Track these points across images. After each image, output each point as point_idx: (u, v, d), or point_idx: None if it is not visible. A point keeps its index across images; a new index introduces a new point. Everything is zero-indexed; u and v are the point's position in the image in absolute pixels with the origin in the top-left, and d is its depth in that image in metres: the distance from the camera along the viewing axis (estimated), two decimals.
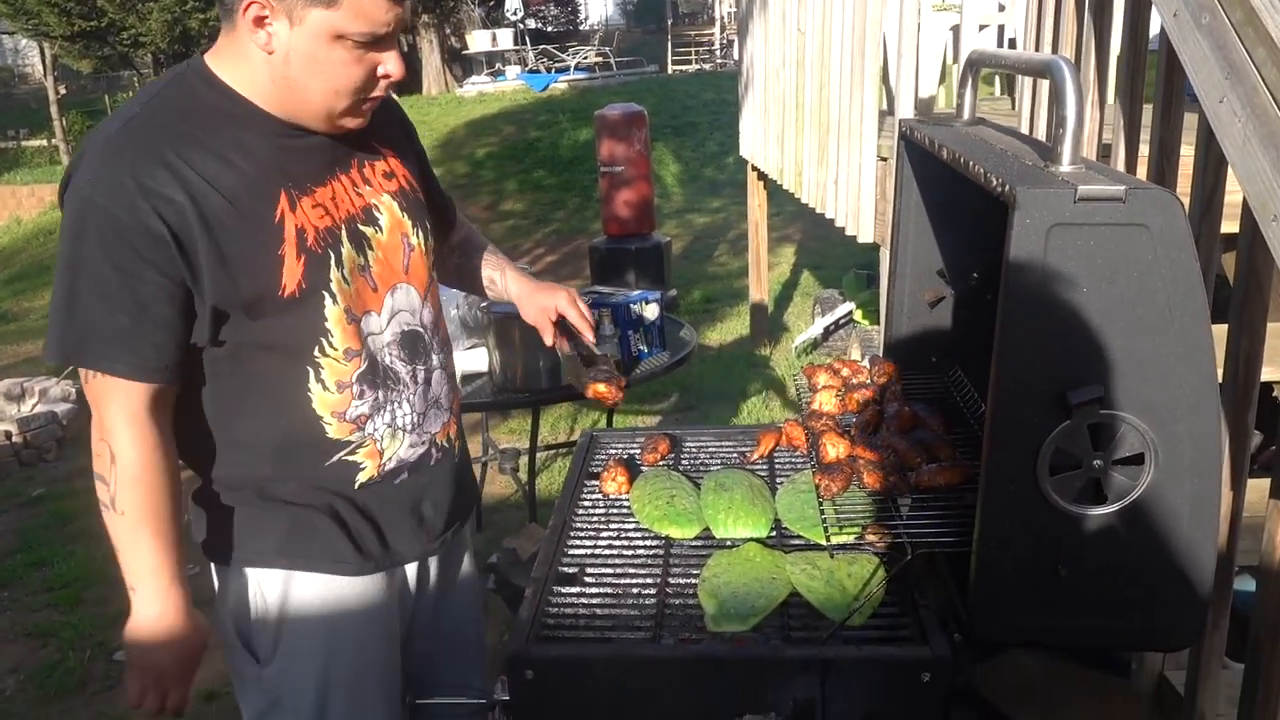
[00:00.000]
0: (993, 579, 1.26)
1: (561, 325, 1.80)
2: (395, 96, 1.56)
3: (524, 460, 4.02)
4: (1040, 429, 1.18)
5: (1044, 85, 2.42)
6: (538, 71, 18.70)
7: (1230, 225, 1.65)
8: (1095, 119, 2.13)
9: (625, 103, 7.03)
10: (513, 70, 19.36)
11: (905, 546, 1.39)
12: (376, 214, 1.46)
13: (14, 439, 5.06)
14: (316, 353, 1.39)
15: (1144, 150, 2.05)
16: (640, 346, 3.18)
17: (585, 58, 19.44)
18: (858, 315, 5.59)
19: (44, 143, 19.94)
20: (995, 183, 1.19)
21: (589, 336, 1.78)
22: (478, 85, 18.66)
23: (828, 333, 5.67)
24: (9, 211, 15.42)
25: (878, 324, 5.40)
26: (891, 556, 1.46)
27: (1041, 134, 2.34)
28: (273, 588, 1.48)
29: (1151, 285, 1.13)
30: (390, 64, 1.33)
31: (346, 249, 1.40)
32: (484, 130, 14.44)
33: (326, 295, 1.38)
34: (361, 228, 1.43)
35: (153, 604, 1.39)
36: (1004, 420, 1.19)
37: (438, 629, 1.72)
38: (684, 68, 19.75)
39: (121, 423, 1.32)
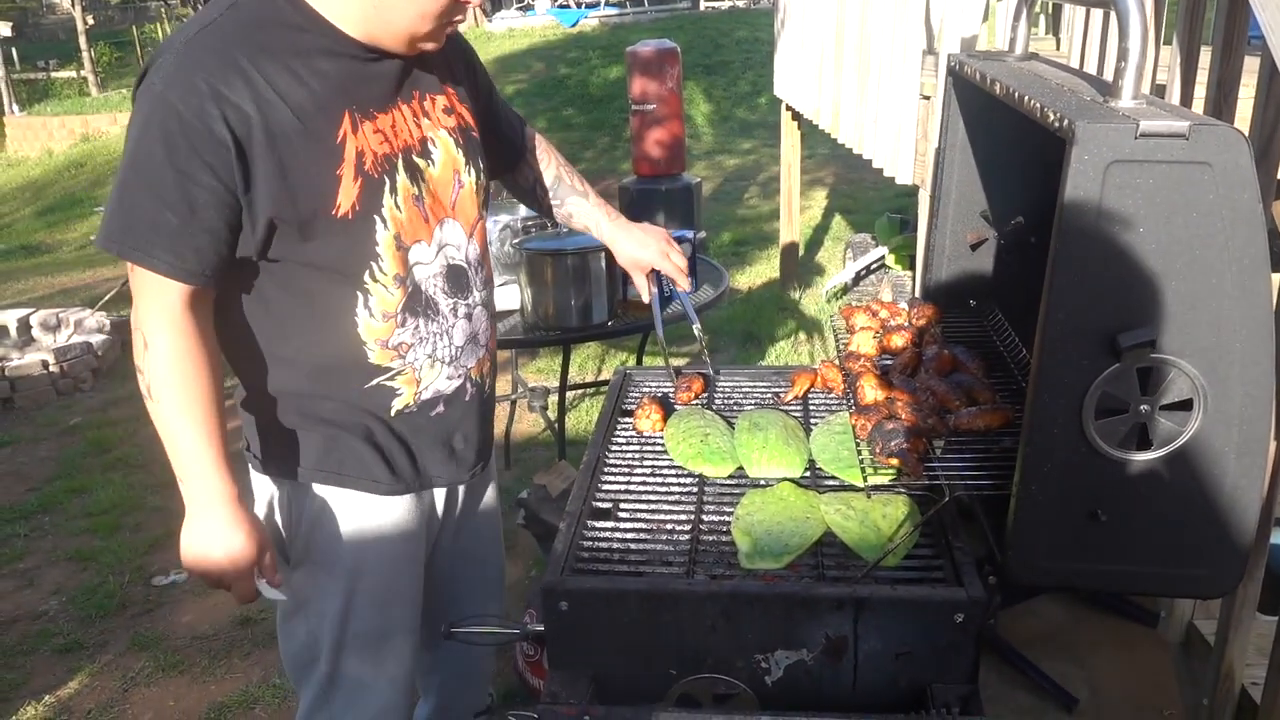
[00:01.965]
0: (1031, 522, 1.25)
1: (654, 276, 1.82)
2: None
3: (553, 399, 4.04)
4: (1088, 371, 1.16)
5: (1095, 22, 2.34)
6: (568, 6, 18.37)
7: None
8: (1150, 63, 2.06)
9: (658, 39, 6.89)
10: (543, 4, 19.02)
11: (942, 488, 1.39)
12: (432, 148, 1.48)
13: (51, 368, 5.14)
14: (367, 277, 1.42)
15: (1199, 93, 1.99)
16: (672, 286, 3.16)
17: None
18: (890, 260, 5.52)
19: (73, 74, 19.93)
20: (1053, 118, 1.16)
21: (682, 284, 1.79)
22: (507, 20, 18.36)
23: (859, 277, 5.61)
24: (40, 143, 15.47)
25: (910, 269, 5.33)
26: (927, 498, 1.45)
27: (1093, 72, 2.27)
28: (307, 500, 1.53)
29: (1211, 227, 1.10)
30: None
31: (402, 178, 1.43)
32: (513, 66, 14.26)
33: (379, 220, 1.40)
34: (417, 159, 1.45)
35: (199, 493, 1.41)
36: (1051, 362, 1.17)
37: (459, 550, 1.77)
38: (717, 4, 19.33)
39: (157, 315, 1.35)
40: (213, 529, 1.42)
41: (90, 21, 19.86)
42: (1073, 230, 1.12)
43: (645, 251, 1.79)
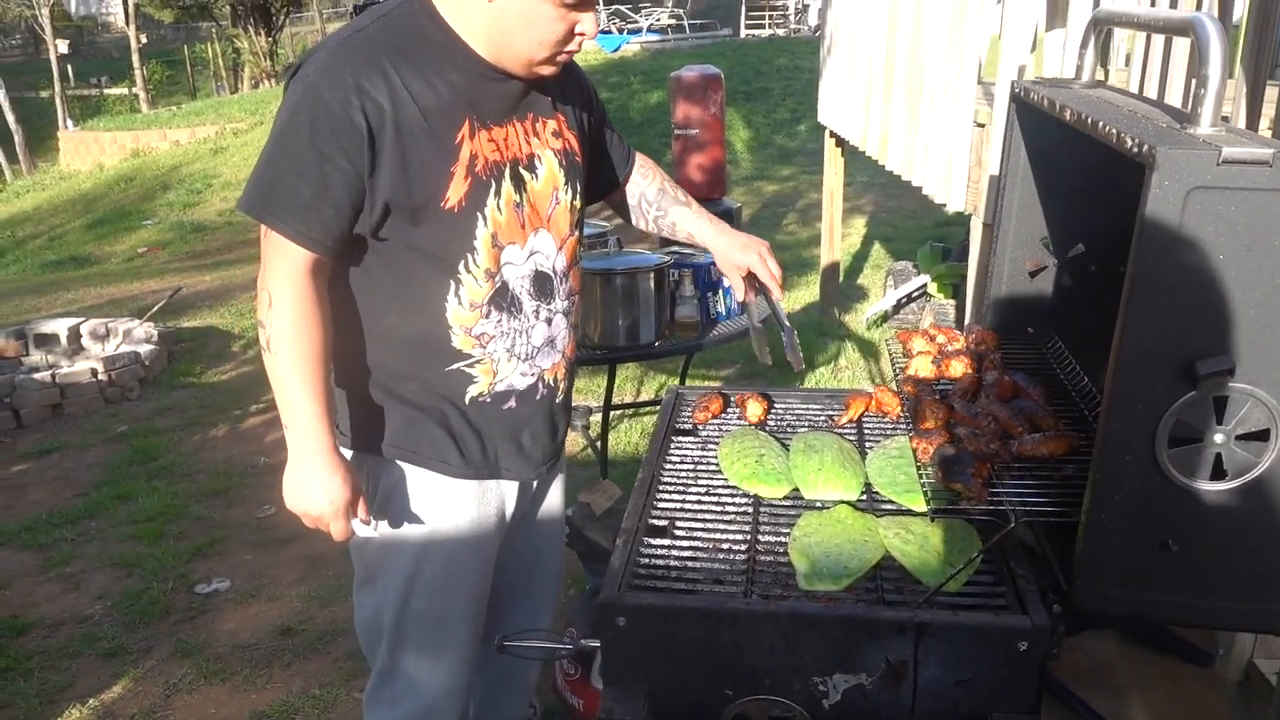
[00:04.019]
0: (1100, 550, 1.24)
1: (750, 280, 1.87)
2: None
3: (594, 418, 4.04)
4: (1163, 399, 1.15)
5: (1156, 51, 2.33)
6: (609, 32, 18.56)
7: None
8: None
9: (701, 64, 6.94)
10: None
11: (1007, 514, 1.37)
12: (537, 164, 1.62)
13: (99, 377, 5.23)
14: (461, 267, 1.55)
15: (1263, 125, 1.97)
16: (718, 309, 3.17)
17: (658, 20, 19.24)
18: (932, 288, 5.49)
19: (125, 91, 20.42)
20: (1130, 144, 1.15)
21: (776, 293, 1.85)
22: None
23: (899, 305, 5.58)
24: (92, 158, 15.84)
25: (953, 297, 5.30)
26: (991, 524, 1.43)
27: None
28: (384, 473, 1.65)
29: None
30: (587, 24, 1.49)
31: (506, 185, 1.56)
32: None
33: (480, 218, 1.54)
34: (522, 171, 1.59)
35: (302, 440, 1.54)
36: (1125, 388, 1.16)
37: (520, 548, 1.85)
38: (757, 32, 19.44)
39: (281, 276, 1.48)
40: (314, 473, 1.54)
41: (144, 40, 20.37)
42: (1151, 256, 1.11)
43: (745, 255, 1.85)
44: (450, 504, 1.67)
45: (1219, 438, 1.17)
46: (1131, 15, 1.66)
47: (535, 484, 1.82)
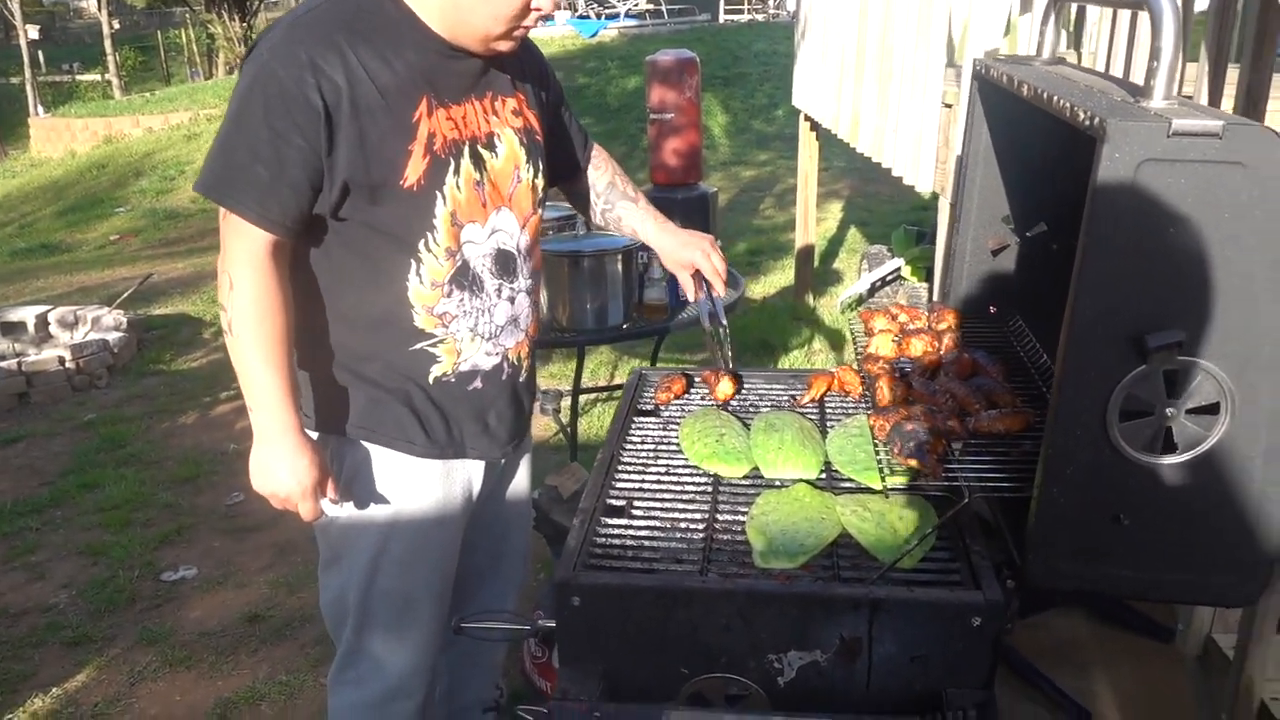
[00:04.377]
0: (1052, 524, 1.24)
1: (697, 277, 1.88)
2: None
3: (565, 402, 4.02)
4: (1114, 372, 1.15)
5: (1121, 29, 2.33)
6: (587, 18, 18.46)
7: None
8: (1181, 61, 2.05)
9: (677, 49, 6.90)
10: (562, 15, 19.12)
11: (962, 490, 1.37)
12: (497, 142, 1.61)
13: (67, 364, 5.16)
14: (421, 246, 1.54)
15: (1225, 105, 1.97)
16: (693, 309, 3.15)
17: (636, 5, 19.14)
18: (906, 271, 5.49)
19: (97, 77, 20.14)
20: (1083, 117, 1.15)
21: (718, 289, 1.87)
22: None
23: (874, 288, 5.58)
24: (64, 144, 15.61)
25: (926, 281, 5.31)
26: (945, 500, 1.43)
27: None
28: (348, 453, 1.65)
29: (1243, 227, 1.08)
30: (543, 0, 1.49)
31: (466, 163, 1.56)
32: None
33: (440, 196, 1.53)
34: (482, 150, 1.59)
35: (267, 421, 1.53)
36: (1076, 362, 1.16)
37: (485, 528, 1.85)
38: (735, 17, 19.37)
39: (242, 259, 1.48)
40: (280, 454, 1.54)
41: (116, 26, 20.08)
42: (1101, 229, 1.11)
43: (689, 252, 1.85)
44: (415, 484, 1.66)
45: (1170, 411, 1.17)
46: None
47: (502, 463, 1.81)
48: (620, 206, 1.92)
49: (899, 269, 5.51)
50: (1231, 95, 1.98)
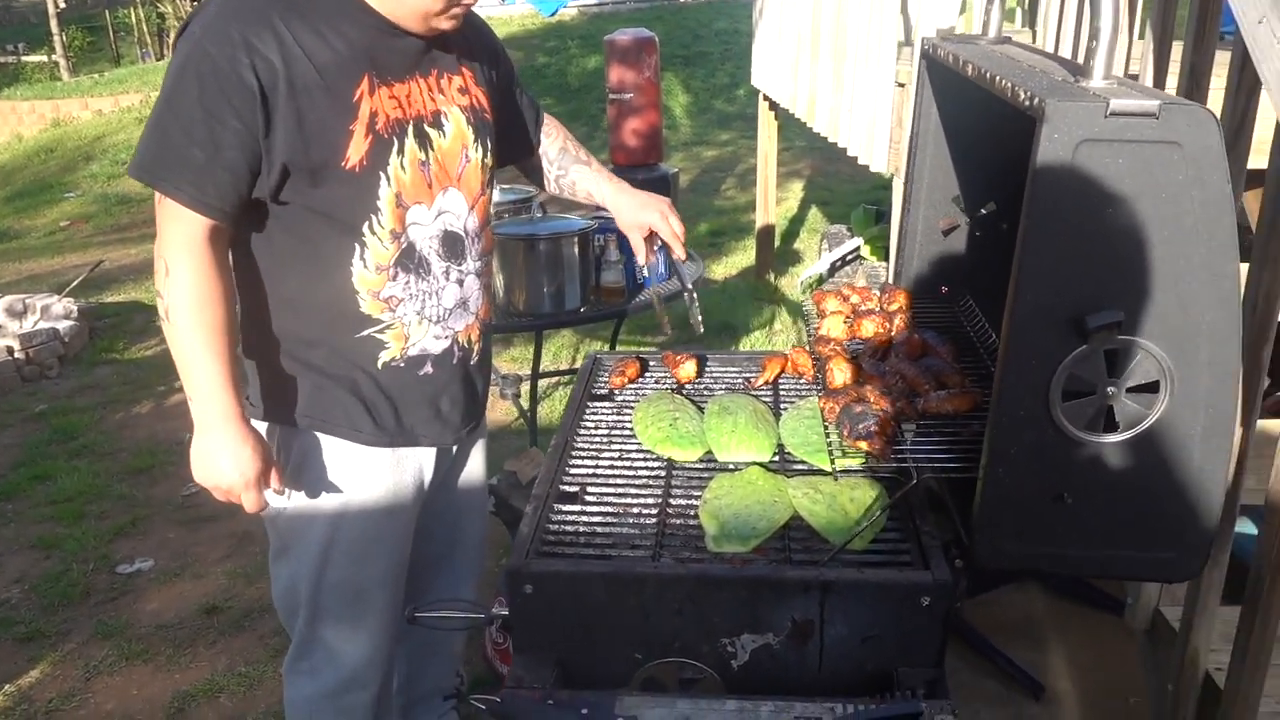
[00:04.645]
0: (997, 504, 1.25)
1: (651, 240, 1.85)
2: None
3: (525, 386, 4.00)
4: (1056, 353, 1.16)
5: (1070, 9, 2.34)
6: None
7: (1257, 160, 1.60)
8: (1123, 49, 2.06)
9: (636, 28, 6.85)
10: None
11: (910, 471, 1.38)
12: (444, 120, 1.57)
13: (16, 355, 5.04)
14: (365, 229, 1.51)
15: (1170, 83, 1.99)
16: (645, 274, 3.14)
17: None
18: (865, 250, 5.52)
19: (44, 58, 19.61)
20: (1023, 97, 1.15)
21: (678, 252, 1.83)
22: (485, 9, 18.20)
23: (834, 268, 5.60)
24: (9, 128, 15.19)
25: (885, 260, 5.33)
26: (895, 481, 1.44)
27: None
28: (296, 442, 1.62)
29: (1180, 208, 1.09)
30: None
31: (410, 142, 1.52)
32: None
33: (384, 177, 1.50)
34: (428, 128, 1.55)
35: (207, 411, 1.50)
36: (1019, 343, 1.16)
37: (439, 514, 1.83)
38: None
39: (177, 244, 1.44)
40: (222, 444, 1.51)
41: (62, 5, 19.55)
42: (1041, 210, 1.11)
43: (645, 214, 1.82)
44: (364, 472, 1.64)
45: (1111, 390, 1.18)
46: None
47: (455, 449, 1.79)
48: (574, 171, 1.89)
49: (859, 248, 5.54)
50: (1176, 73, 1.99)
